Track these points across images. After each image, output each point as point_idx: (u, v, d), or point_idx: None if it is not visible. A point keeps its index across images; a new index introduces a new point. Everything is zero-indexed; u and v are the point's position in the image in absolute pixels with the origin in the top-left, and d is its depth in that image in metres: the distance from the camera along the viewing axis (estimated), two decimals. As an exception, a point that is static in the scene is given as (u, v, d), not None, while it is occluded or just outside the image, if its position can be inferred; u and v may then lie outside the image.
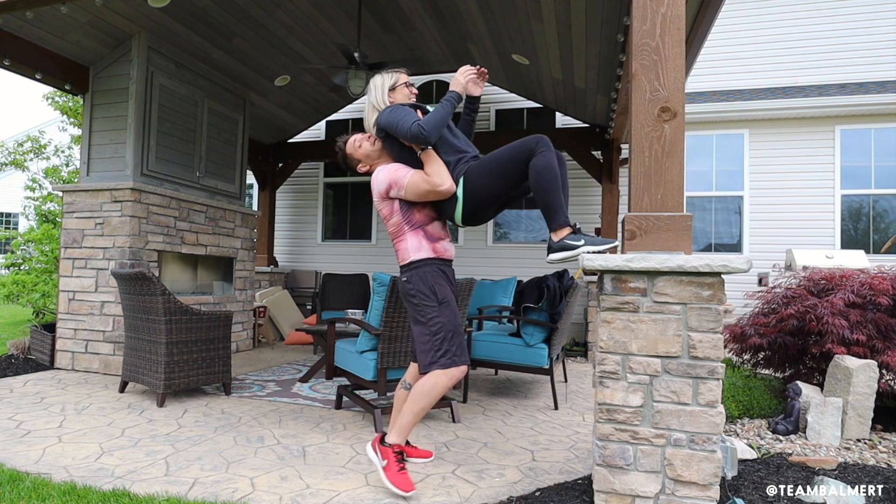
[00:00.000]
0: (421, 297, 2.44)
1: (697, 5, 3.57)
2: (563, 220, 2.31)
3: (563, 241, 2.30)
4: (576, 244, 2.26)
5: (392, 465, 2.36)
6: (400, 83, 2.65)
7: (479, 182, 2.42)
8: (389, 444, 2.43)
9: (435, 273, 2.47)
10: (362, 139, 2.69)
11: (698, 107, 7.26)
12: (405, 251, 2.51)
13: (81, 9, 4.48)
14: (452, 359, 2.40)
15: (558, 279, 4.25)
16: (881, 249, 6.84)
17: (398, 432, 2.44)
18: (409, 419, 2.43)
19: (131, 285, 3.90)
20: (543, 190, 2.28)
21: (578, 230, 2.32)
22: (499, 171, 2.39)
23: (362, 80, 5.30)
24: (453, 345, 2.41)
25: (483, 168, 2.42)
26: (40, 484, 2.36)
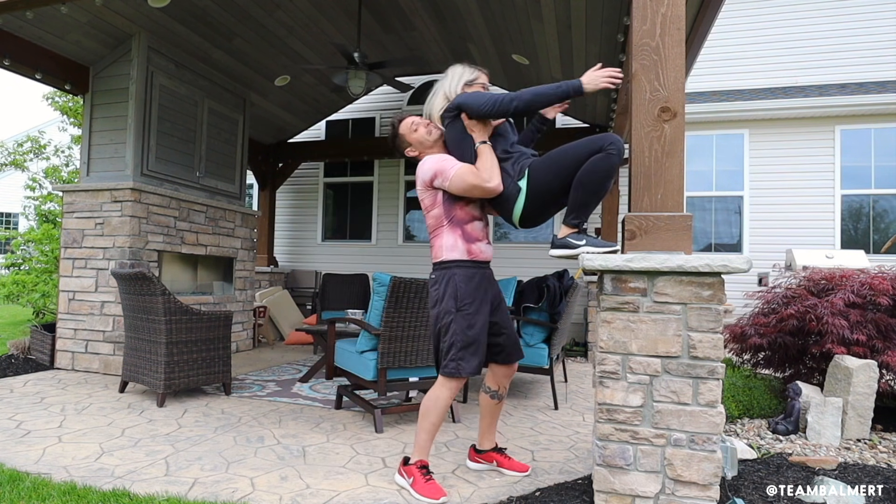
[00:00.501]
0: (440, 301, 2.41)
1: (697, 5, 3.57)
2: (578, 221, 2.30)
3: (565, 239, 2.30)
4: (577, 243, 2.27)
5: (418, 479, 2.38)
6: (478, 82, 2.53)
7: (544, 177, 2.30)
8: (412, 463, 2.46)
9: (462, 277, 2.40)
10: (420, 123, 2.56)
11: (698, 107, 7.26)
12: (439, 248, 2.45)
13: (81, 9, 4.48)
14: (456, 368, 2.36)
15: (558, 279, 4.25)
16: (881, 249, 6.84)
17: (417, 450, 2.46)
18: (422, 436, 2.45)
19: (131, 285, 3.90)
20: (585, 186, 2.21)
21: (584, 230, 2.32)
22: (568, 165, 2.25)
23: (362, 80, 5.30)
24: (462, 354, 2.36)
25: (550, 162, 2.30)
26: (40, 484, 2.36)
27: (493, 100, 2.31)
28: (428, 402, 2.43)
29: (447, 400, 2.40)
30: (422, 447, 2.45)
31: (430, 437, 2.45)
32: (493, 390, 2.65)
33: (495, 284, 2.59)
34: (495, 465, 2.71)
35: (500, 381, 2.65)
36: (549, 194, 2.32)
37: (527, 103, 2.27)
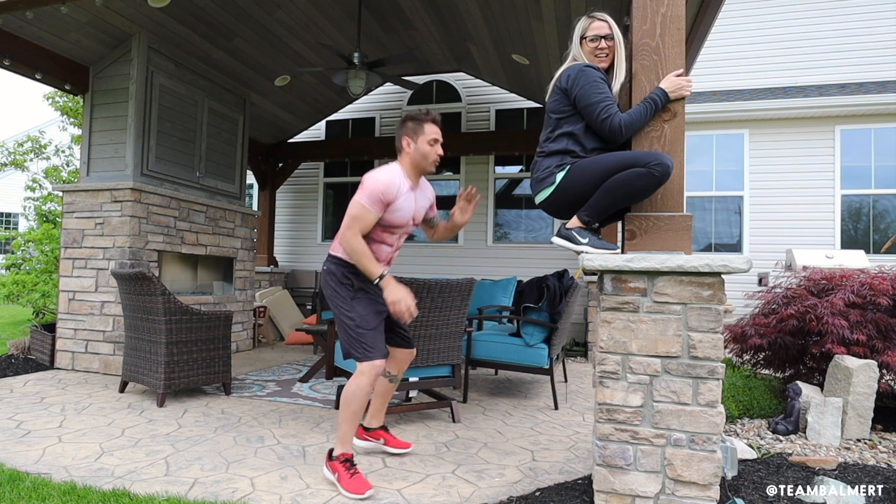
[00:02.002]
0: (334, 291, 2.51)
1: (697, 5, 3.57)
2: (590, 219, 2.26)
3: (571, 231, 2.28)
4: (579, 240, 2.25)
5: (343, 474, 2.37)
6: (588, 34, 2.37)
7: (578, 181, 2.24)
8: (336, 458, 2.44)
9: (351, 270, 2.50)
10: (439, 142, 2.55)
11: (698, 107, 7.26)
12: (337, 243, 2.55)
13: (81, 9, 4.48)
14: (366, 352, 2.42)
15: (558, 279, 4.25)
16: (881, 249, 6.84)
17: (340, 442, 2.45)
18: (343, 427, 2.45)
19: (131, 285, 3.90)
20: (612, 194, 2.16)
21: (593, 229, 2.29)
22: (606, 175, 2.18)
23: (362, 81, 5.30)
24: (366, 339, 2.43)
25: (591, 168, 2.22)
26: (40, 484, 2.36)
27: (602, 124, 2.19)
28: (348, 391, 2.43)
29: (367, 385, 2.41)
30: (345, 438, 2.44)
31: (352, 429, 2.45)
32: (391, 374, 2.83)
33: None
34: (382, 442, 2.90)
35: (400, 367, 2.83)
36: (577, 196, 2.27)
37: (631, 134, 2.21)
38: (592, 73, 2.26)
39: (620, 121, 2.18)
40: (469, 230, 8.03)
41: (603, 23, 2.39)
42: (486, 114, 8.12)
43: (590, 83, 2.23)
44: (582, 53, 2.39)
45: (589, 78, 2.24)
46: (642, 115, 2.19)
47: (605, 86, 2.25)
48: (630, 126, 2.19)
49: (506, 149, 7.42)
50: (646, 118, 2.20)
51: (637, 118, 2.19)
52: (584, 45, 2.38)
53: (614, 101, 2.24)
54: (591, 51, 2.37)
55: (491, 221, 7.97)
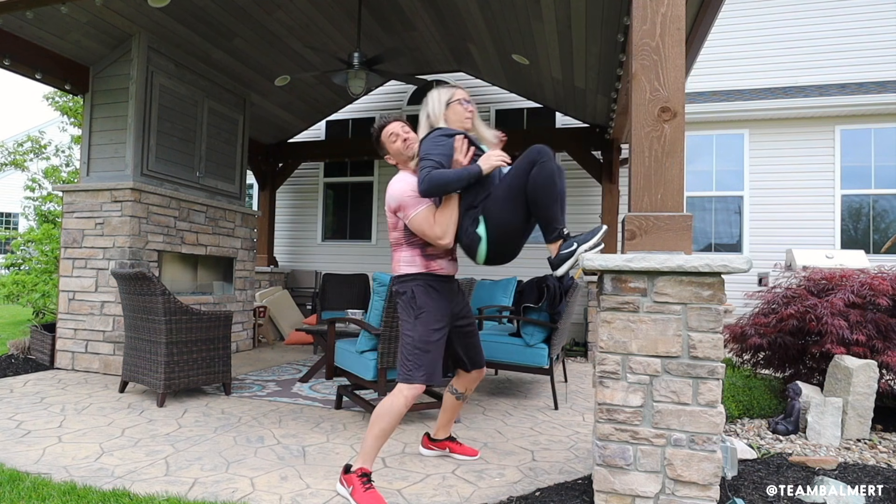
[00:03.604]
0: (402, 309, 2.48)
1: (697, 5, 3.57)
2: (559, 233, 2.31)
3: (560, 255, 2.30)
4: (571, 251, 2.27)
5: (357, 488, 2.29)
6: (454, 99, 2.52)
7: (499, 216, 2.32)
8: (353, 471, 2.37)
9: (420, 287, 2.45)
10: (400, 135, 2.58)
11: (698, 107, 7.26)
12: (397, 262, 2.52)
13: (81, 9, 4.48)
14: (409, 375, 2.39)
15: (558, 279, 4.25)
16: (881, 249, 6.84)
17: (362, 457, 2.39)
18: (369, 442, 2.38)
19: (131, 285, 3.90)
20: (539, 202, 2.26)
21: (567, 236, 2.31)
22: (515, 194, 2.29)
23: (362, 80, 5.30)
24: (417, 362, 2.39)
25: (499, 201, 2.33)
26: (40, 484, 2.36)
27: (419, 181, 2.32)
28: (381, 408, 2.38)
29: (401, 408, 2.36)
30: (367, 454, 2.38)
31: (377, 445, 2.38)
32: (459, 392, 2.81)
33: (460, 296, 2.64)
34: (448, 451, 2.92)
35: (468, 385, 2.80)
36: (512, 228, 2.34)
37: (432, 191, 2.29)
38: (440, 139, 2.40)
39: (429, 176, 2.28)
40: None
41: (462, 90, 2.58)
42: (486, 114, 8.11)
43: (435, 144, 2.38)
44: (443, 118, 2.51)
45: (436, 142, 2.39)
46: (454, 179, 2.28)
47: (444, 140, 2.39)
48: (432, 181, 2.27)
49: (506, 149, 7.37)
50: (453, 181, 2.28)
51: (445, 176, 2.28)
52: (451, 109, 2.51)
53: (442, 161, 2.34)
54: (462, 114, 2.52)
55: (491, 221, 7.95)
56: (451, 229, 2.40)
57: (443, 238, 2.39)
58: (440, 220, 2.39)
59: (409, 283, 2.46)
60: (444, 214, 2.40)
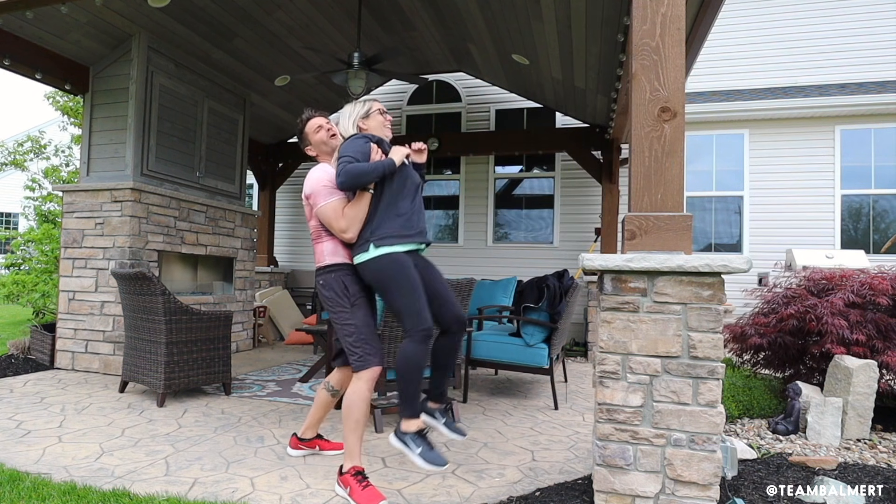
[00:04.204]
0: (334, 300, 2.47)
1: (697, 5, 3.57)
2: (413, 412, 2.35)
3: (405, 437, 2.34)
4: (413, 449, 2.29)
5: (354, 487, 2.29)
6: (373, 111, 2.63)
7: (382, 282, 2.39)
8: (346, 472, 2.37)
9: (348, 276, 2.49)
10: (324, 128, 2.67)
11: (698, 107, 7.26)
12: (321, 254, 2.55)
13: (81, 9, 4.48)
14: (363, 360, 2.39)
15: (558, 279, 4.25)
16: (881, 249, 6.84)
17: (348, 456, 2.39)
18: (350, 439, 2.38)
19: (131, 285, 3.90)
20: (410, 377, 2.32)
21: (423, 434, 2.34)
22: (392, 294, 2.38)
23: (362, 80, 5.29)
24: (366, 346, 2.40)
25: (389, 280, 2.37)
26: (40, 484, 2.36)
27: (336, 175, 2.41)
28: (348, 399, 2.39)
29: (366, 392, 2.38)
30: (352, 451, 2.38)
31: (357, 439, 2.38)
32: (335, 389, 2.78)
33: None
34: (318, 449, 2.90)
35: (345, 383, 2.73)
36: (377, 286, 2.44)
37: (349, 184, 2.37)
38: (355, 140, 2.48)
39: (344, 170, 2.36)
40: (469, 230, 8.04)
41: (378, 102, 2.68)
42: (486, 114, 8.11)
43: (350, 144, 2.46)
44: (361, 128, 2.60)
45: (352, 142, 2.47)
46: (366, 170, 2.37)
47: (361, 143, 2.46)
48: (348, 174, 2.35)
49: (506, 149, 7.42)
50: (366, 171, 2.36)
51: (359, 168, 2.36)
52: (373, 119, 2.61)
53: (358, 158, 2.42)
54: (382, 123, 2.63)
55: (491, 221, 7.97)
56: (355, 225, 2.45)
57: (346, 232, 2.45)
58: (348, 213, 2.45)
59: (337, 273, 2.49)
60: (354, 209, 2.45)
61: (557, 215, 7.70)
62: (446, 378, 2.61)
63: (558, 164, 7.75)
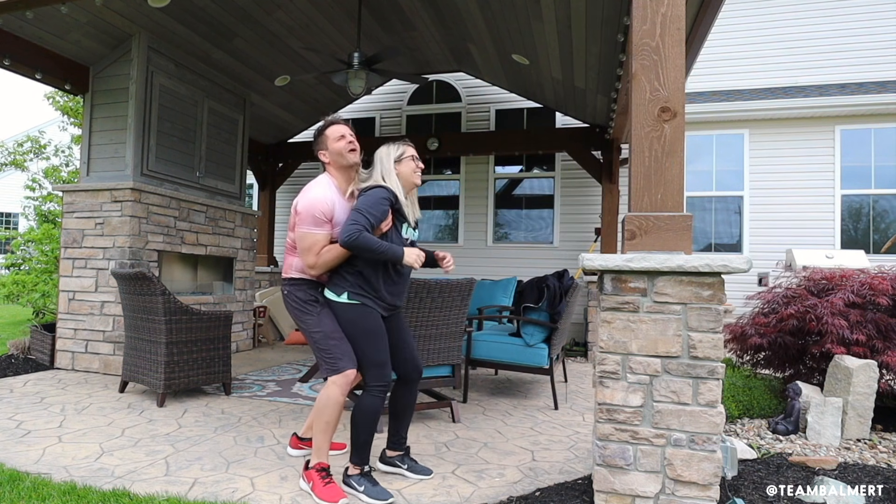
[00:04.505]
0: (301, 309, 2.47)
1: (697, 5, 3.57)
2: (363, 459, 2.41)
3: (350, 479, 2.40)
4: (357, 488, 2.36)
5: (317, 483, 2.33)
6: (406, 156, 2.57)
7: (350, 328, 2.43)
8: (312, 467, 2.40)
9: (314, 287, 2.51)
10: (346, 138, 2.54)
11: (698, 107, 7.26)
12: (289, 266, 2.54)
13: (81, 9, 4.48)
14: (334, 365, 2.39)
15: (558, 279, 4.25)
16: (881, 249, 6.84)
17: (315, 452, 2.42)
18: (318, 437, 2.41)
19: (131, 285, 3.90)
20: (363, 428, 2.39)
21: (367, 472, 2.41)
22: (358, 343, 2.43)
23: (362, 80, 5.29)
24: (335, 351, 2.40)
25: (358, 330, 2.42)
26: (40, 484, 2.36)
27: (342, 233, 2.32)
28: (320, 402, 2.41)
29: (338, 396, 2.38)
30: (319, 449, 2.41)
31: (326, 438, 2.41)
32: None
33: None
34: None
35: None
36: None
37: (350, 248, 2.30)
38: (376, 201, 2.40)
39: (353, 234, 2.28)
40: (469, 230, 8.04)
41: (412, 147, 2.62)
42: (486, 114, 8.12)
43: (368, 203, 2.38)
44: (394, 173, 2.53)
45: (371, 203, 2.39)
46: (378, 250, 2.31)
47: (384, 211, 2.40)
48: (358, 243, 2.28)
49: (506, 149, 7.42)
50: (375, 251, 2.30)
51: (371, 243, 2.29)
52: (405, 164, 2.55)
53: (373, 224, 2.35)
54: (413, 169, 2.57)
55: (491, 221, 7.97)
56: (324, 269, 2.43)
57: (313, 269, 2.42)
58: (324, 255, 2.40)
59: (301, 285, 2.50)
60: (332, 254, 2.40)
61: (557, 215, 7.70)
62: (404, 425, 2.68)
63: (558, 164, 7.75)
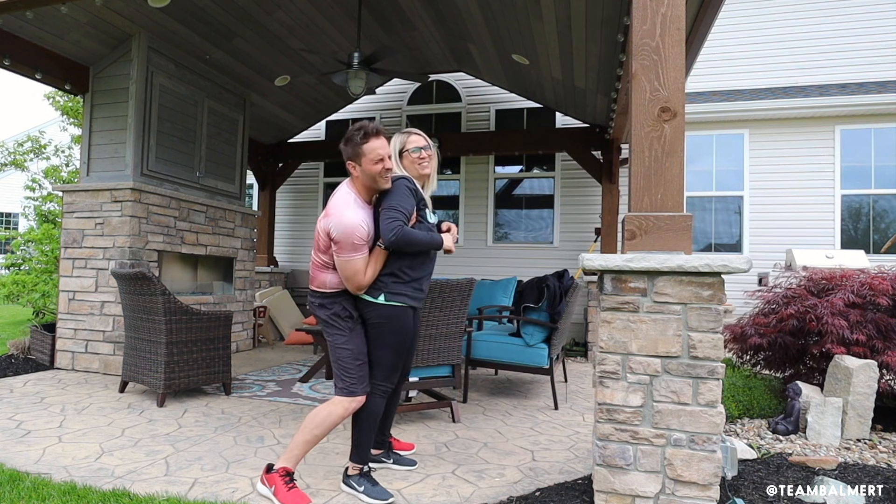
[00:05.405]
0: (334, 321, 2.39)
1: (697, 5, 3.57)
2: (363, 459, 2.42)
3: (350, 480, 2.42)
4: (357, 488, 2.37)
5: (280, 487, 2.27)
6: (406, 149, 2.50)
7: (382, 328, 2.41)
8: (275, 471, 2.34)
9: (349, 301, 2.42)
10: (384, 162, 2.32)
11: (698, 107, 7.26)
12: (323, 282, 2.42)
13: (81, 9, 4.48)
14: (350, 388, 2.34)
15: (558, 279, 4.25)
16: (881, 249, 6.84)
17: (287, 457, 2.36)
18: (299, 447, 2.35)
19: (131, 285, 3.90)
20: (366, 427, 2.41)
21: (367, 472, 2.43)
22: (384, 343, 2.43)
23: (362, 80, 5.30)
24: (358, 374, 2.35)
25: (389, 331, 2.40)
26: (40, 484, 2.36)
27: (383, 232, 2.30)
28: (318, 416, 2.33)
29: (339, 417, 2.33)
30: (294, 457, 2.35)
31: (305, 450, 2.37)
32: None
33: None
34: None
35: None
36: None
37: (396, 246, 2.32)
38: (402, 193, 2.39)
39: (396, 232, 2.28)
40: (469, 230, 8.04)
41: (420, 136, 2.57)
42: (486, 114, 8.11)
43: (396, 196, 2.37)
44: (401, 166, 2.52)
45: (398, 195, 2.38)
46: (420, 240, 2.35)
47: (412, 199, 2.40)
48: (399, 239, 2.29)
49: (506, 149, 7.42)
50: (417, 242, 2.34)
51: (413, 237, 2.32)
52: (406, 157, 2.53)
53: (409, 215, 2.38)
54: (415, 160, 2.52)
55: (491, 221, 7.97)
56: (371, 281, 2.37)
57: (360, 290, 2.36)
58: (369, 273, 2.34)
59: (337, 298, 2.41)
60: (374, 266, 2.35)
61: (557, 215, 7.70)
62: (387, 426, 2.74)
63: (558, 164, 7.75)
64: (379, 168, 2.32)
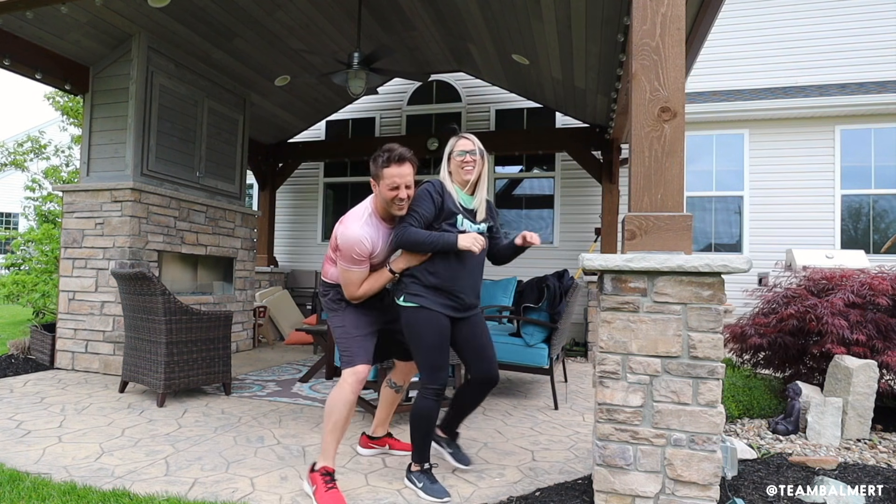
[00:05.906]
0: (332, 301, 2.58)
1: (697, 5, 3.57)
2: (420, 458, 2.48)
3: (411, 475, 2.48)
4: (416, 484, 2.43)
5: (319, 487, 2.29)
6: (453, 153, 2.53)
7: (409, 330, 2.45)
8: (317, 470, 2.37)
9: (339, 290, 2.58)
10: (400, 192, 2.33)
11: (698, 107, 7.26)
12: (327, 273, 2.63)
13: (81, 9, 4.48)
14: (350, 360, 2.43)
15: (558, 279, 4.25)
16: (881, 249, 6.84)
17: (322, 455, 2.39)
18: (327, 439, 2.38)
19: (131, 285, 3.90)
20: (420, 428, 2.45)
21: (427, 469, 2.47)
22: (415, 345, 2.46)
23: (362, 80, 5.30)
24: (355, 347, 2.45)
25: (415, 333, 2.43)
26: (40, 484, 2.36)
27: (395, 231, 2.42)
28: (331, 402, 2.40)
29: (347, 395, 2.37)
30: (327, 451, 2.37)
31: (335, 440, 2.38)
32: (397, 385, 2.86)
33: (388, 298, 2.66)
34: (387, 448, 2.95)
35: (406, 377, 2.85)
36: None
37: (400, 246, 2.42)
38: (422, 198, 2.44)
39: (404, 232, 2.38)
40: (469, 230, 8.02)
41: (468, 140, 2.57)
42: (486, 114, 8.11)
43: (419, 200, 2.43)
44: (447, 168, 2.57)
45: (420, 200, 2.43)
46: (426, 241, 2.36)
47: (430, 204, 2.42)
48: (407, 239, 2.37)
49: (506, 149, 7.42)
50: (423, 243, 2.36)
51: (419, 237, 2.36)
52: (452, 161, 2.56)
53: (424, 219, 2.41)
54: (458, 164, 2.53)
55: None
56: (365, 296, 2.50)
57: (353, 299, 2.51)
58: (365, 287, 2.47)
59: (335, 287, 2.60)
60: (370, 283, 2.47)
61: (557, 215, 7.70)
62: (460, 419, 2.72)
63: (558, 164, 7.75)
64: (392, 195, 2.35)
